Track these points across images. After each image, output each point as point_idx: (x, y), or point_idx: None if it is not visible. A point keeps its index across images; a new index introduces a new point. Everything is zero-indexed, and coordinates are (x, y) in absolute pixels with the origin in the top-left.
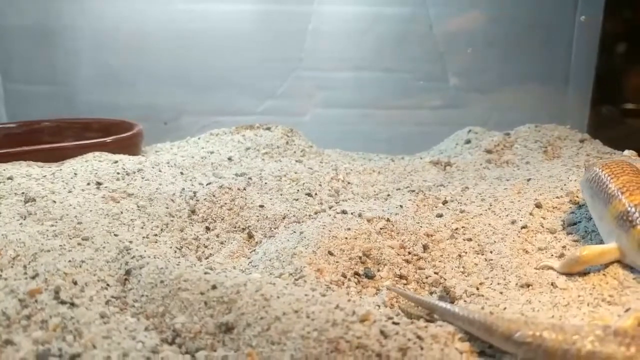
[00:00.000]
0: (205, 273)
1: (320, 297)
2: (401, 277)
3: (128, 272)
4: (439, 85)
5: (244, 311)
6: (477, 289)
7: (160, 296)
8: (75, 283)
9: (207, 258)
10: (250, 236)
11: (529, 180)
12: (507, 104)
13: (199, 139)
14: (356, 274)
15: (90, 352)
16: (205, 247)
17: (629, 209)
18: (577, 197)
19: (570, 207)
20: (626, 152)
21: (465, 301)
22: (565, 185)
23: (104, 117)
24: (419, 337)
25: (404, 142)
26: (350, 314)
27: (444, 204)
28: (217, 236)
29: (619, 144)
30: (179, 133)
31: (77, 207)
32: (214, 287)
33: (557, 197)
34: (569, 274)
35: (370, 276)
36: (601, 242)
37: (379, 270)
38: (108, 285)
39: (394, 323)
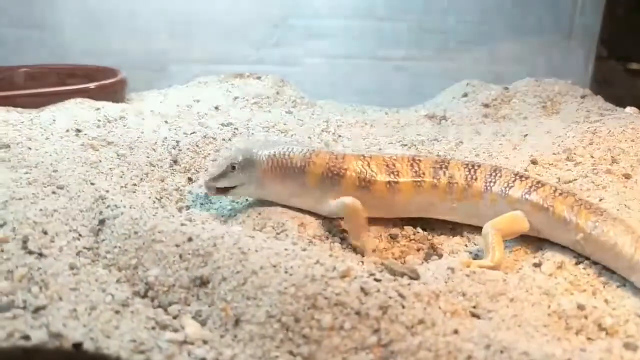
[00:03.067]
0: (182, 225)
1: (301, 251)
2: (391, 237)
3: (102, 222)
4: (437, 36)
5: (220, 265)
6: (466, 245)
7: (134, 248)
8: (45, 232)
9: (188, 209)
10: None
11: (525, 135)
12: (508, 57)
13: (186, 87)
14: (343, 230)
15: (55, 304)
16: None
17: None
18: (575, 154)
19: (567, 164)
20: (628, 109)
21: (453, 257)
22: (562, 141)
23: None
24: (401, 295)
25: (400, 94)
26: (331, 269)
27: None
28: (200, 187)
29: (622, 102)
30: (169, 81)
31: (54, 154)
32: (190, 240)
33: (554, 154)
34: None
35: None
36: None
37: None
38: (80, 235)
39: (375, 280)
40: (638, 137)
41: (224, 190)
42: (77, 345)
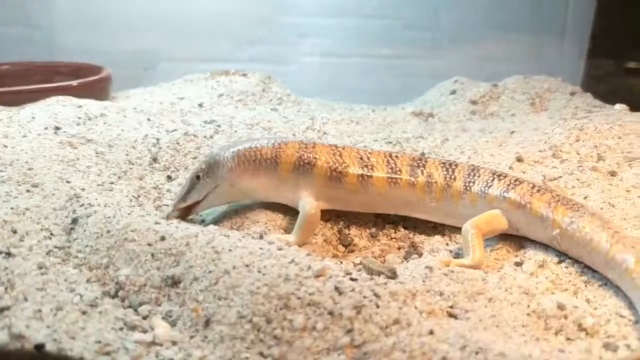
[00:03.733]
0: (156, 223)
1: (277, 250)
2: (372, 235)
3: (74, 221)
4: (428, 34)
5: (192, 264)
6: (447, 244)
7: (106, 247)
8: (14, 232)
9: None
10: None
11: (512, 132)
12: (499, 55)
13: (172, 84)
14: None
15: (20, 304)
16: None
17: None
18: (561, 151)
19: (553, 162)
20: (617, 106)
21: (432, 256)
22: (549, 138)
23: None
24: (376, 295)
25: (389, 93)
26: (306, 268)
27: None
28: (180, 185)
29: (613, 99)
30: (158, 80)
31: (30, 152)
32: (162, 238)
33: (540, 151)
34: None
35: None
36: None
37: (348, 227)
38: (52, 234)
39: (351, 279)
40: (625, 134)
41: (194, 207)
42: (39, 347)
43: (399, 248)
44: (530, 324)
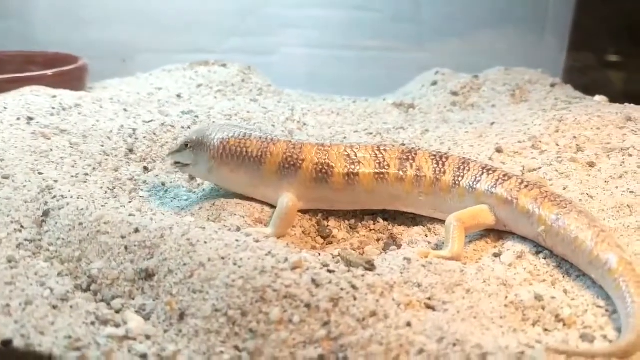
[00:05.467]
0: (130, 215)
1: (253, 243)
2: (351, 227)
3: (46, 213)
4: (412, 26)
5: (166, 257)
6: (426, 236)
7: (78, 239)
8: None
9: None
10: (192, 177)
11: (492, 124)
12: (482, 47)
13: (150, 75)
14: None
15: None
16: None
17: None
18: (540, 142)
19: (532, 153)
20: (597, 97)
21: (411, 247)
22: (529, 129)
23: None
24: (353, 287)
25: (372, 85)
26: (282, 261)
27: None
28: (157, 177)
29: (593, 91)
30: (136, 71)
31: (1, 143)
32: (136, 231)
33: (519, 142)
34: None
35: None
36: None
37: (327, 219)
38: (22, 227)
39: (329, 271)
40: (604, 125)
41: (181, 166)
42: (6, 343)
43: (378, 240)
44: (508, 315)
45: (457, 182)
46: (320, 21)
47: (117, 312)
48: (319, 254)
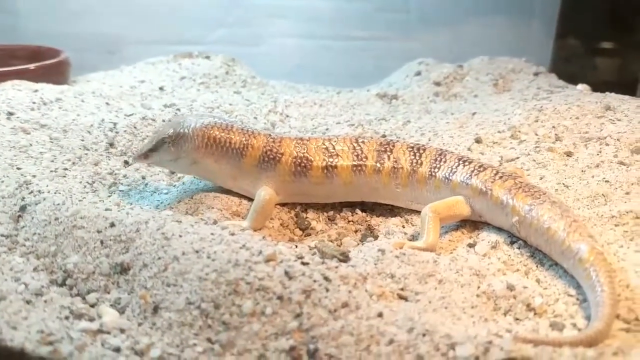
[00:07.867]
0: (107, 210)
1: (229, 236)
2: (329, 218)
3: (23, 209)
4: (400, 16)
5: (141, 251)
6: (403, 227)
7: (54, 234)
8: None
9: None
10: (173, 171)
11: (474, 114)
12: (470, 36)
13: (133, 67)
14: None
15: None
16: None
17: None
18: (519, 131)
19: (511, 143)
20: (579, 86)
21: (387, 238)
22: (509, 119)
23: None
24: (326, 279)
25: (359, 75)
26: (256, 253)
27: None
28: (137, 170)
29: (581, 79)
30: (122, 64)
31: None
32: (112, 225)
33: (499, 132)
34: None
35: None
36: None
37: (306, 211)
38: None
39: (302, 263)
40: (583, 114)
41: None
42: None
43: (356, 231)
44: (480, 305)
45: (433, 174)
46: (307, 11)
47: (92, 306)
48: (296, 246)
